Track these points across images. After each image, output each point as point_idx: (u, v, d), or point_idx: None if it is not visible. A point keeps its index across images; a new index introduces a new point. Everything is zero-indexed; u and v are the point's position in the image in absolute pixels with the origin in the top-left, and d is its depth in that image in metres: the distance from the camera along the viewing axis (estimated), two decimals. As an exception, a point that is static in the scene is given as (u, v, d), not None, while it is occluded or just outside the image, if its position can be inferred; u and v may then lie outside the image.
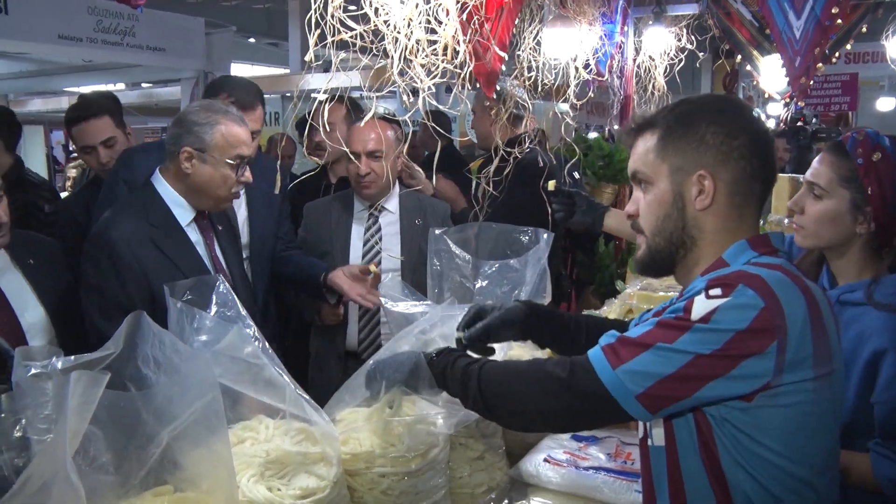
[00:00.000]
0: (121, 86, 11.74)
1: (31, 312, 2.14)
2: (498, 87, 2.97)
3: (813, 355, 1.21)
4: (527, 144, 3.14)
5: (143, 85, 11.41)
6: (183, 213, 2.22)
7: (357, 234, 2.77)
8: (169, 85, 9.22)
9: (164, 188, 2.22)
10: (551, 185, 2.45)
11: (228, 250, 2.36)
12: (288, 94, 10.48)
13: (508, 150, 2.90)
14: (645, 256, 1.42)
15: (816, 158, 1.92)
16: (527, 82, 3.24)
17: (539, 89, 3.55)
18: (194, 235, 2.25)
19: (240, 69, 9.72)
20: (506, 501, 2.01)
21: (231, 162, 2.18)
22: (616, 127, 4.42)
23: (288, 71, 10.01)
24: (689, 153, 1.34)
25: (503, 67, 2.89)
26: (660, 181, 1.37)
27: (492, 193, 2.81)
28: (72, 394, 0.98)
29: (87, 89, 11.50)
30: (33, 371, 1.20)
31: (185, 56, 6.63)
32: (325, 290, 2.66)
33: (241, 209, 2.74)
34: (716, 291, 1.21)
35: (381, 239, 2.75)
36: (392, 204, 2.81)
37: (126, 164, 2.85)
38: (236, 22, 7.67)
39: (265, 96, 2.94)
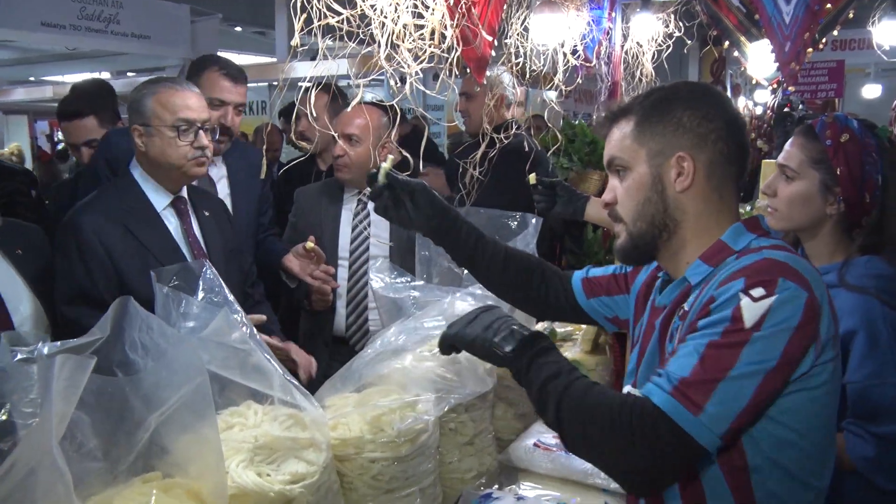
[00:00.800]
0: (105, 74, 11.65)
1: (25, 305, 2.10)
2: (487, 73, 2.96)
3: (833, 335, 1.24)
4: (513, 130, 3.13)
5: (129, 74, 11.31)
6: (158, 197, 2.21)
7: (346, 219, 2.77)
8: (154, 73, 9.14)
9: (140, 174, 2.21)
10: (532, 177, 2.44)
11: (214, 235, 2.33)
12: (275, 83, 10.42)
13: (496, 135, 2.90)
14: (626, 244, 1.42)
15: (788, 142, 1.96)
16: (514, 68, 3.23)
17: (527, 76, 3.54)
18: (172, 220, 2.24)
19: (226, 57, 9.63)
20: (496, 486, 2.01)
21: (174, 127, 2.15)
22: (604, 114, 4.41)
23: (275, 59, 9.96)
24: (667, 136, 1.35)
25: (493, 53, 2.88)
26: (638, 166, 1.37)
27: (478, 178, 2.80)
28: (57, 377, 0.97)
29: (70, 78, 11.40)
30: (19, 356, 1.19)
31: (170, 44, 6.58)
32: (284, 274, 2.68)
33: (224, 198, 2.72)
34: (759, 292, 1.19)
35: (369, 224, 2.74)
36: None
37: (106, 145, 2.84)
38: (222, 10, 7.61)
39: (252, 85, 2.93)
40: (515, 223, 2.39)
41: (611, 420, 1.23)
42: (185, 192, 2.31)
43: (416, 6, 2.19)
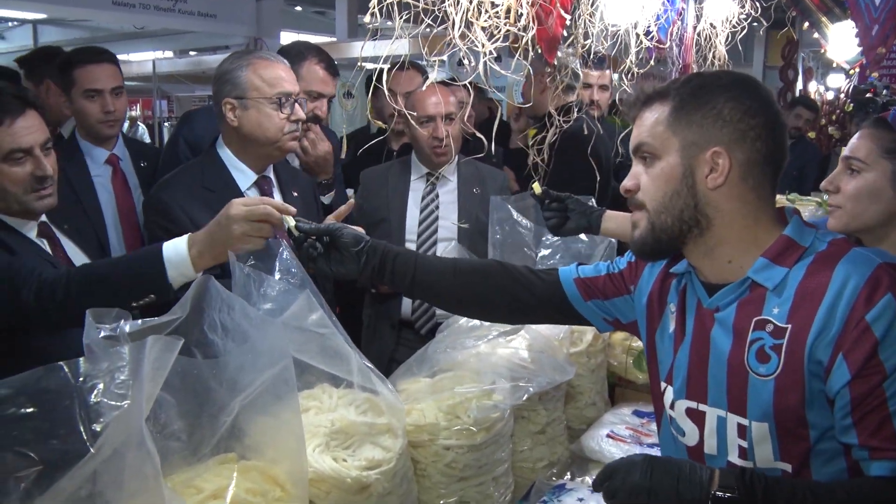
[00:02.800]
0: (169, 53, 11.84)
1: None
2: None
3: None
4: (574, 113, 3.06)
5: (191, 53, 11.48)
6: (243, 177, 2.18)
7: (414, 201, 2.72)
8: (218, 52, 9.25)
9: (225, 153, 2.19)
10: (536, 187, 2.22)
11: (300, 217, 2.31)
12: (336, 63, 10.45)
13: (560, 118, 2.83)
14: (647, 235, 1.32)
15: (855, 135, 1.84)
16: (581, 50, 3.14)
17: (591, 57, 3.45)
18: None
19: (287, 37, 9.72)
20: (567, 476, 1.97)
21: (274, 100, 2.12)
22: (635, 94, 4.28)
23: (335, 39, 10.00)
24: (704, 128, 1.25)
25: (564, 33, 2.81)
26: (668, 155, 1.28)
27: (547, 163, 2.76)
28: (147, 359, 0.96)
29: (136, 57, 11.64)
30: (103, 333, 1.19)
31: (235, 22, 6.65)
32: None
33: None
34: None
35: (438, 206, 2.70)
36: (450, 171, 2.75)
37: (187, 124, 2.85)
38: (284, -11, 7.65)
39: None
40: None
41: None
42: (270, 173, 2.28)
43: (491, -17, 2.14)
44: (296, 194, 2.34)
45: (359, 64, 2.18)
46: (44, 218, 1.98)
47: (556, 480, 1.93)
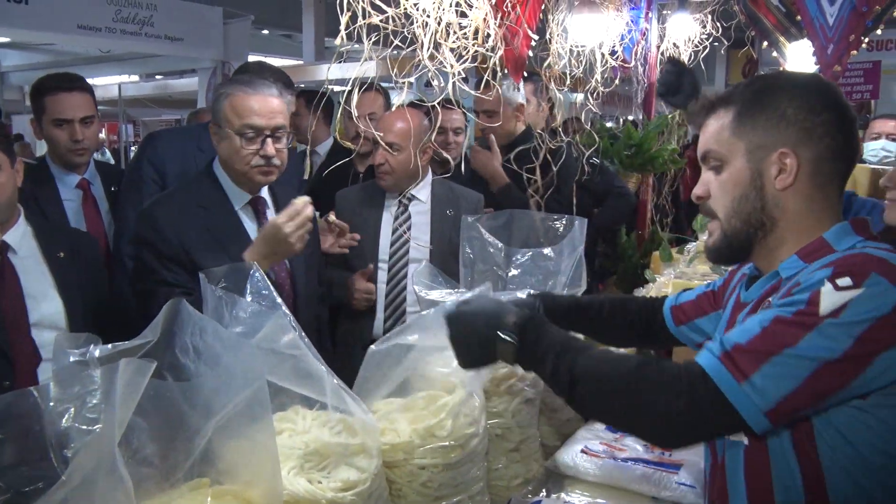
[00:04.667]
0: (135, 77, 11.77)
1: (49, 304, 2.14)
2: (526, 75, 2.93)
3: None
4: (560, 137, 3.11)
5: (157, 77, 11.42)
6: (236, 196, 2.19)
7: (387, 221, 2.74)
8: (185, 76, 9.21)
9: (220, 172, 2.20)
10: None
11: None
12: (302, 85, 10.48)
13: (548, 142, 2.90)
14: (720, 242, 1.34)
15: None
16: (557, 71, 3.17)
17: (568, 80, 3.51)
18: (248, 220, 2.22)
19: (255, 61, 9.72)
20: (543, 493, 1.97)
21: (239, 133, 2.10)
22: (640, 116, 4.35)
23: (302, 62, 10.02)
24: (770, 130, 1.26)
25: (530, 54, 2.85)
26: (735, 160, 1.29)
27: (547, 186, 2.82)
28: (119, 382, 0.95)
29: (102, 80, 11.54)
30: (72, 359, 1.17)
31: (202, 46, 6.64)
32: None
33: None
34: (845, 281, 1.12)
35: (409, 228, 2.72)
36: (423, 193, 2.78)
37: (150, 145, 2.83)
38: (250, 13, 7.66)
39: None
40: (562, 226, 2.34)
41: (640, 381, 1.18)
42: (265, 193, 2.28)
43: (458, 5, 2.17)
44: None
45: (325, 86, 2.19)
46: (10, 239, 2.01)
47: (532, 497, 1.93)
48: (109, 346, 1.29)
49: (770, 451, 1.22)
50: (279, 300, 1.59)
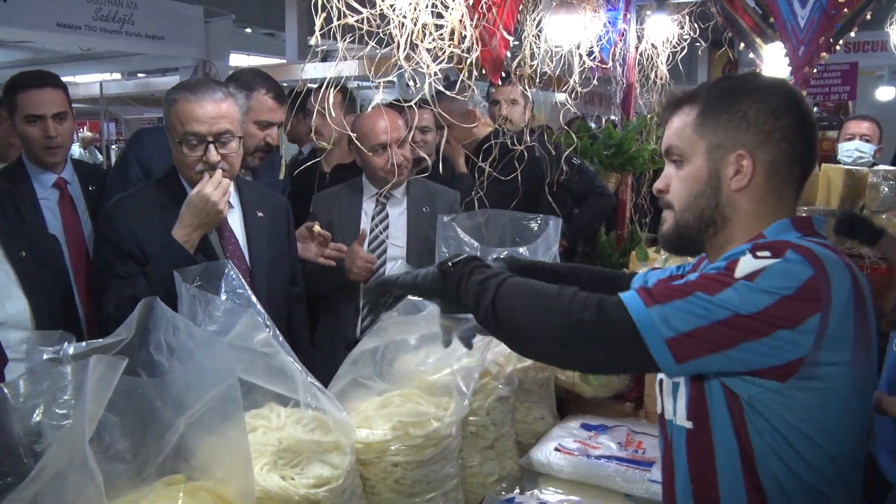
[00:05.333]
0: (116, 75, 11.69)
1: (13, 303, 2.12)
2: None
3: (853, 338, 1.18)
4: (526, 136, 3.12)
5: (139, 74, 11.35)
6: None
7: (365, 221, 2.75)
8: (167, 74, 9.17)
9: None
10: None
11: (261, 238, 2.30)
12: (285, 84, 10.44)
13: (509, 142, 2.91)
14: (671, 232, 1.37)
15: None
16: (528, 71, 3.20)
17: (538, 79, 3.53)
18: None
19: (236, 59, 9.68)
20: (517, 490, 2.00)
21: (181, 141, 2.08)
22: (618, 117, 4.38)
23: (285, 61, 9.99)
24: (730, 131, 1.29)
25: (508, 54, 2.87)
26: (695, 158, 1.32)
27: (489, 175, 2.81)
28: (90, 379, 0.96)
29: (82, 79, 11.46)
30: (45, 356, 1.18)
31: (183, 44, 6.60)
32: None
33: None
34: (764, 253, 1.16)
35: (387, 227, 2.73)
36: (400, 191, 2.79)
37: (138, 142, 2.82)
38: (233, 11, 7.63)
39: None
40: (536, 225, 2.37)
41: (558, 294, 1.23)
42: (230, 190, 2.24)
43: (434, 6, 2.18)
44: (261, 215, 2.33)
45: (300, 84, 2.20)
46: None
47: (506, 494, 1.96)
48: (83, 343, 1.30)
49: (713, 433, 1.25)
50: (254, 298, 1.60)
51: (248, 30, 11.41)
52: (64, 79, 2.99)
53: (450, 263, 1.42)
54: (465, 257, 1.42)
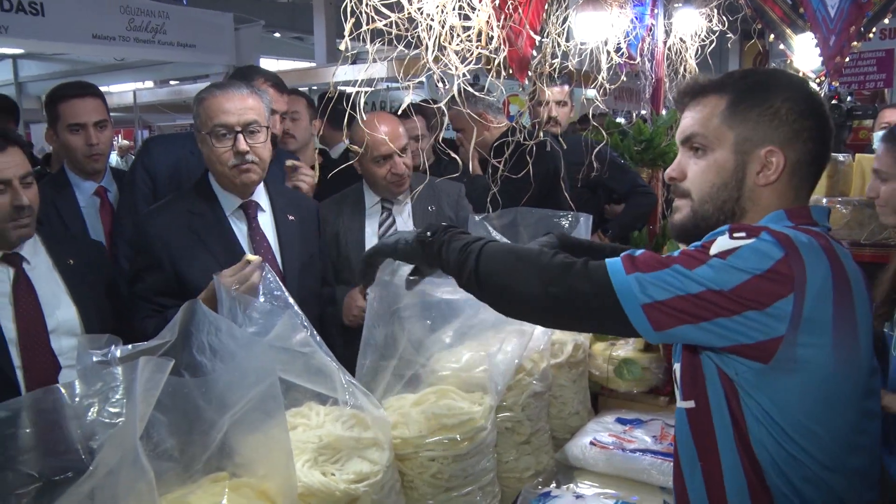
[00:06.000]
0: (149, 83, 11.90)
1: (63, 311, 2.19)
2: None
3: (833, 321, 1.19)
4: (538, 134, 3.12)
5: (171, 82, 11.54)
6: (227, 201, 2.23)
7: (371, 229, 2.72)
8: (198, 81, 9.31)
9: (213, 179, 2.25)
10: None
11: (293, 241, 2.33)
12: (314, 87, 10.55)
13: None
14: (688, 221, 1.38)
15: (879, 148, 2.15)
16: (548, 69, 3.20)
17: (557, 76, 3.53)
18: (239, 224, 2.25)
19: (266, 64, 9.79)
20: (553, 484, 2.02)
21: (210, 133, 2.14)
22: (648, 112, 4.37)
23: (314, 64, 10.08)
24: (761, 125, 1.29)
25: (534, 53, 2.88)
26: (721, 149, 1.32)
27: (501, 174, 2.81)
28: (139, 379, 1.00)
29: (116, 88, 11.68)
30: (95, 359, 1.23)
31: (214, 51, 6.71)
32: None
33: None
34: (739, 234, 1.19)
35: (396, 231, 2.72)
36: (403, 193, 2.77)
37: (145, 150, 2.89)
38: (261, 16, 7.73)
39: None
40: (567, 222, 2.38)
41: (540, 254, 1.27)
42: (259, 197, 2.31)
43: (461, 8, 2.21)
44: (292, 218, 2.36)
45: (330, 89, 2.23)
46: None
47: (542, 489, 1.97)
48: (130, 346, 1.35)
49: (711, 411, 1.28)
50: (291, 300, 1.64)
51: (277, 34, 11.54)
52: (100, 89, 3.08)
53: (428, 234, 1.44)
54: (443, 226, 1.45)
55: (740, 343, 1.18)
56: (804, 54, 4.11)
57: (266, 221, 2.30)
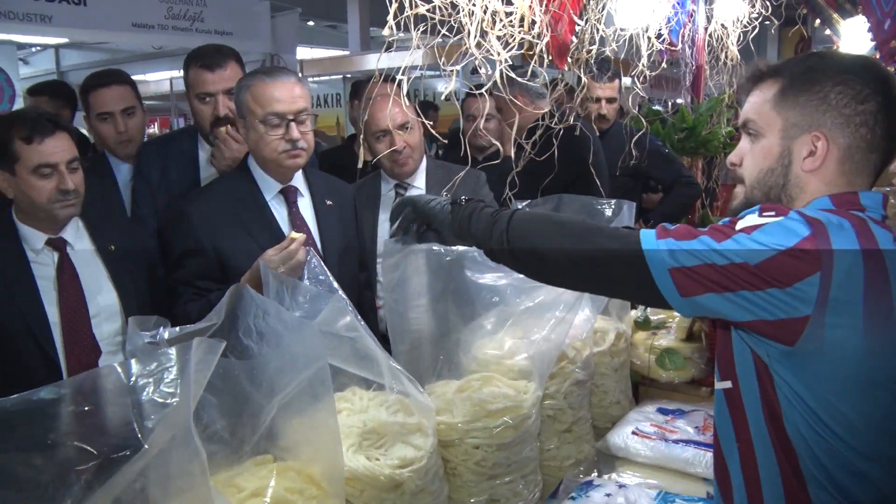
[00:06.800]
0: (186, 72, 12.01)
1: (105, 296, 2.21)
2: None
3: (864, 304, 1.15)
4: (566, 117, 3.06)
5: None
6: (267, 186, 2.24)
7: (385, 214, 2.69)
8: (234, 70, 9.37)
9: (252, 163, 2.26)
10: None
11: (332, 225, 2.34)
12: (348, 76, 10.56)
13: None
14: (740, 208, 1.36)
15: None
16: (585, 56, 3.15)
17: (604, 68, 3.49)
18: (279, 209, 2.26)
19: (302, 52, 9.83)
20: (594, 473, 2.00)
21: (263, 121, 2.15)
22: (688, 99, 4.30)
23: (348, 52, 10.10)
24: (808, 110, 1.27)
25: (574, 39, 2.85)
26: (770, 134, 1.31)
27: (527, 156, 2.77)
28: (192, 360, 1.01)
29: (154, 76, 11.81)
30: (145, 340, 1.24)
31: (251, 39, 6.74)
32: None
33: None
34: (769, 213, 1.20)
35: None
36: (419, 179, 2.74)
37: (140, 156, 2.87)
38: (297, 4, 7.75)
39: (325, 78, 2.89)
40: (610, 210, 2.35)
41: (572, 219, 1.33)
42: (298, 182, 2.32)
43: (504, -8, 2.18)
44: (330, 203, 2.37)
45: (376, 76, 2.22)
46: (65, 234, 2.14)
47: (584, 478, 1.96)
48: (177, 329, 1.36)
49: (741, 390, 1.28)
50: (336, 284, 1.64)
51: (311, 22, 11.57)
52: (136, 77, 3.10)
53: (463, 199, 1.50)
54: (477, 199, 1.50)
55: (763, 319, 1.17)
56: (852, 40, 4.02)
57: (305, 206, 2.31)
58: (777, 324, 1.16)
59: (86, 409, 0.96)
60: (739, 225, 1.19)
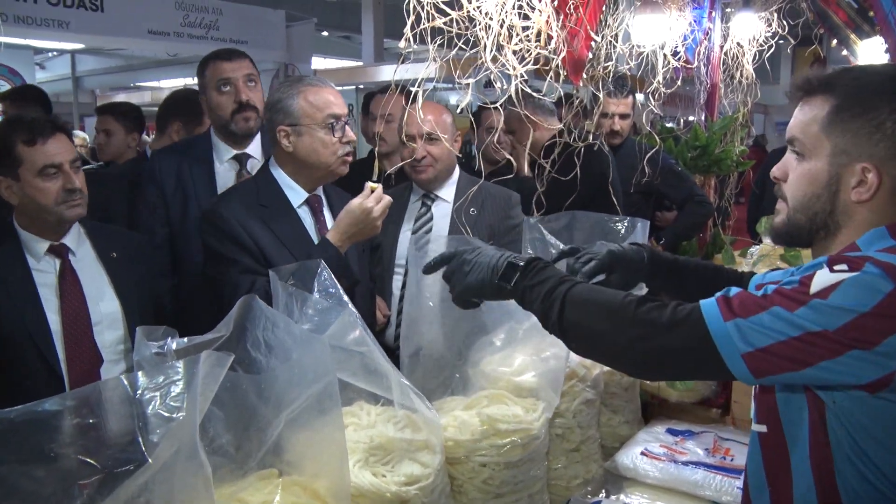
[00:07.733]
0: (201, 80, 12.07)
1: (107, 304, 2.21)
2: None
3: None
4: (584, 135, 3.05)
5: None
6: (294, 195, 2.24)
7: (408, 224, 2.70)
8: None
9: (278, 172, 2.25)
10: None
11: None
12: (361, 86, 10.61)
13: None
14: (781, 227, 1.32)
15: None
16: (601, 72, 3.14)
17: (618, 84, 3.48)
18: (306, 217, 2.26)
19: (316, 63, 9.87)
20: (602, 494, 1.98)
21: (323, 124, 2.17)
22: (702, 118, 4.29)
23: (361, 63, 10.13)
24: (860, 138, 1.19)
25: (590, 55, 2.84)
26: (817, 157, 1.24)
27: (548, 175, 2.77)
28: (200, 373, 0.99)
29: (168, 84, 11.87)
30: (152, 350, 1.23)
31: (266, 48, 6.78)
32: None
33: None
34: (840, 266, 1.10)
35: (430, 230, 2.66)
36: (448, 192, 2.72)
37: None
38: (312, 15, 7.80)
39: (339, 89, 2.90)
40: (623, 227, 2.33)
41: (628, 306, 1.21)
42: (320, 192, 2.33)
43: (520, 7, 2.18)
44: None
45: (392, 87, 2.22)
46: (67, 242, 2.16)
47: (591, 498, 1.94)
48: (185, 339, 1.35)
49: (786, 436, 1.23)
50: (346, 298, 1.62)
51: (325, 33, 11.63)
52: (151, 84, 3.13)
53: (509, 284, 1.37)
54: (522, 266, 1.37)
55: (850, 384, 1.11)
56: (868, 60, 3.99)
57: (328, 216, 2.33)
58: (866, 385, 1.10)
59: (90, 421, 0.94)
60: (813, 288, 1.09)
